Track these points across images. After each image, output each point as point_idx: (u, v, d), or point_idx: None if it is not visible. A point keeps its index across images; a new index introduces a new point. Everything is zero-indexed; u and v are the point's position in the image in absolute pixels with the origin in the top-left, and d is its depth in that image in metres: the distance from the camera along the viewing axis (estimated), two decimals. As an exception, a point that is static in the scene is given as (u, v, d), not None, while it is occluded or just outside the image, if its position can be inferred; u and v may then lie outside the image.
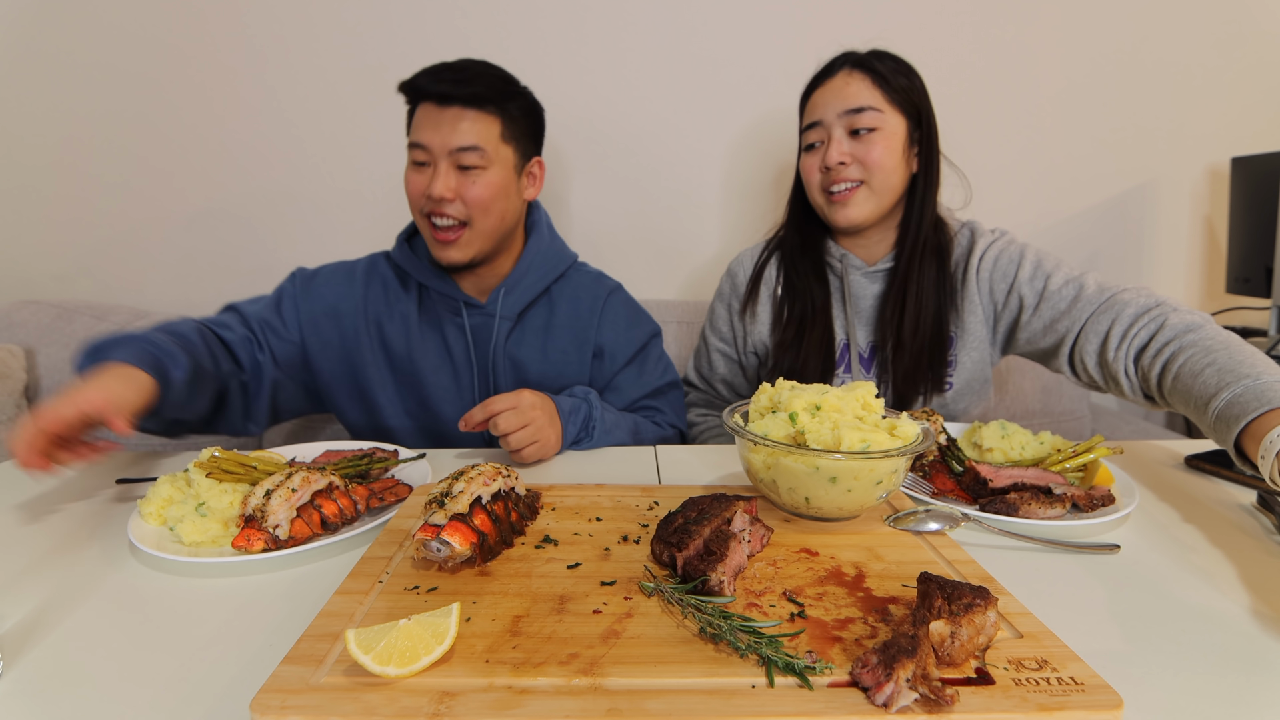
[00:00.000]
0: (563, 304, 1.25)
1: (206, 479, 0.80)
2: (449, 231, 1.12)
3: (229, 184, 1.84)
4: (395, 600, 0.59)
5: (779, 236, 1.32)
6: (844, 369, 1.23)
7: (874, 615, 0.56)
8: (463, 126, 1.09)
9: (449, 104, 1.09)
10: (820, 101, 1.17)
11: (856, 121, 1.13)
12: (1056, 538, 0.76)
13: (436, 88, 1.09)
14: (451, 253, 1.14)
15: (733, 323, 1.34)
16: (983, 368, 1.22)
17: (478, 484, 0.70)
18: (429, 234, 1.15)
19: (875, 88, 1.14)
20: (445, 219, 1.12)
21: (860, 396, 0.80)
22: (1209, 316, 0.98)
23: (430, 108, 1.10)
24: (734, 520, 0.68)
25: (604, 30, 1.78)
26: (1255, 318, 2.01)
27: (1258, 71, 1.89)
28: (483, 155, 1.10)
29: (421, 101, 1.12)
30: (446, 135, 1.09)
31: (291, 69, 1.78)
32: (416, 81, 1.11)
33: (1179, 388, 0.91)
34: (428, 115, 1.10)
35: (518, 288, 1.22)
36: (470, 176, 1.11)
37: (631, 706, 0.45)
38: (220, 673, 0.54)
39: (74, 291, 1.87)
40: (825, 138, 1.16)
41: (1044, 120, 1.89)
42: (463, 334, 1.22)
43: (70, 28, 1.74)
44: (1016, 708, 0.45)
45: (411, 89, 1.13)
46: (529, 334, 1.23)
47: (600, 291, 1.29)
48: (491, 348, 1.21)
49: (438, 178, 1.09)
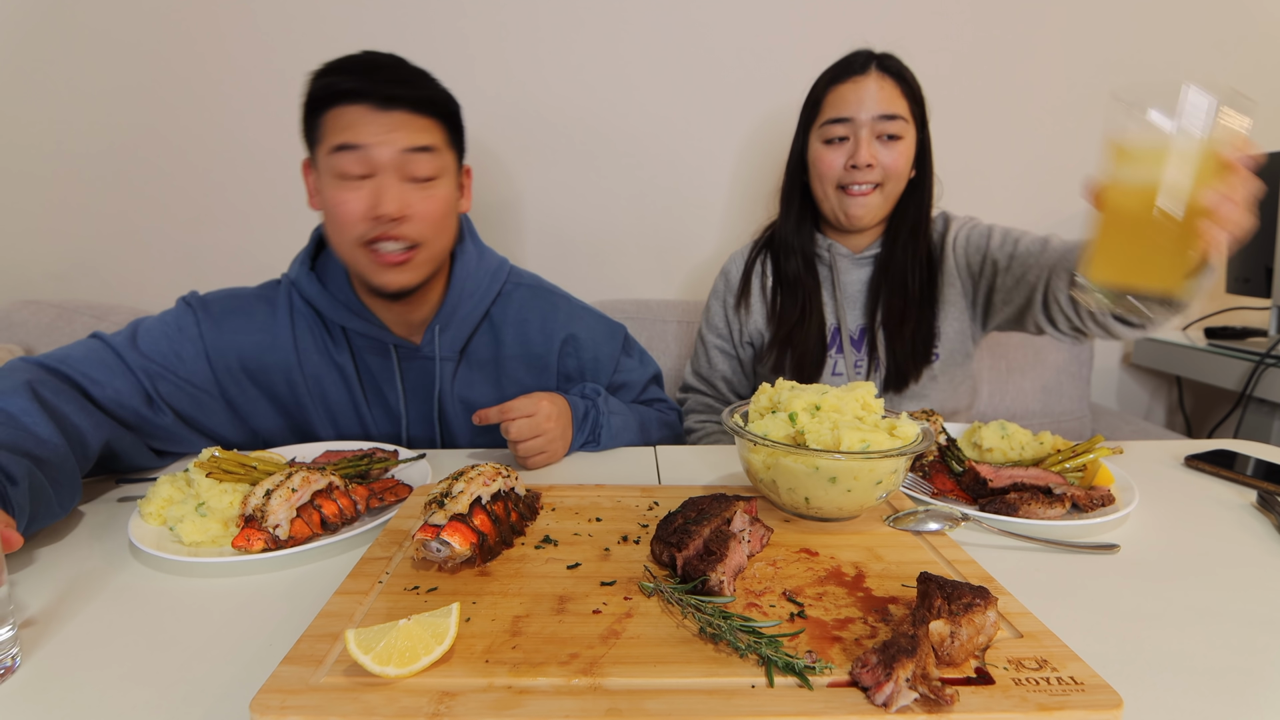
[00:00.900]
0: (508, 330, 1.11)
1: (206, 479, 0.80)
2: (398, 253, 0.94)
3: (229, 184, 1.84)
4: (395, 600, 0.59)
5: (768, 233, 1.37)
6: (836, 349, 1.29)
7: (874, 615, 0.56)
8: (412, 127, 0.92)
9: (392, 107, 0.91)
10: (852, 99, 1.17)
11: (887, 128, 1.16)
12: (1056, 538, 0.76)
13: (378, 88, 0.90)
14: (402, 276, 0.96)
15: (728, 317, 1.38)
16: (964, 340, 1.28)
17: (477, 484, 0.70)
18: (368, 262, 0.95)
19: (903, 97, 1.18)
20: (395, 243, 0.93)
21: (860, 396, 0.80)
22: None
23: (364, 110, 0.90)
24: (734, 520, 0.68)
25: (603, 30, 1.78)
26: (1255, 318, 2.01)
27: (1257, 72, 1.89)
28: (437, 162, 0.94)
29: (345, 104, 0.91)
30: (397, 138, 0.90)
31: (291, 69, 1.77)
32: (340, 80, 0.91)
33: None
34: (363, 118, 0.90)
35: (453, 320, 1.07)
36: (424, 190, 0.94)
37: (631, 706, 0.45)
38: (220, 673, 0.54)
39: (74, 291, 1.87)
40: (853, 135, 1.18)
41: (1044, 120, 1.89)
42: (395, 382, 1.05)
43: (70, 30, 1.74)
44: (1016, 707, 0.45)
45: (331, 89, 0.91)
46: (477, 370, 1.09)
47: (549, 307, 1.14)
48: (436, 394, 1.06)
49: (385, 192, 0.90)
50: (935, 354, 1.26)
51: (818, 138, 1.22)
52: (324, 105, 0.92)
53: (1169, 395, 2.13)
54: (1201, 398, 2.09)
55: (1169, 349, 1.90)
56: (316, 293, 1.04)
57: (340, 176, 0.91)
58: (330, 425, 1.08)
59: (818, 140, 1.22)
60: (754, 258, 1.36)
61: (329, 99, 0.92)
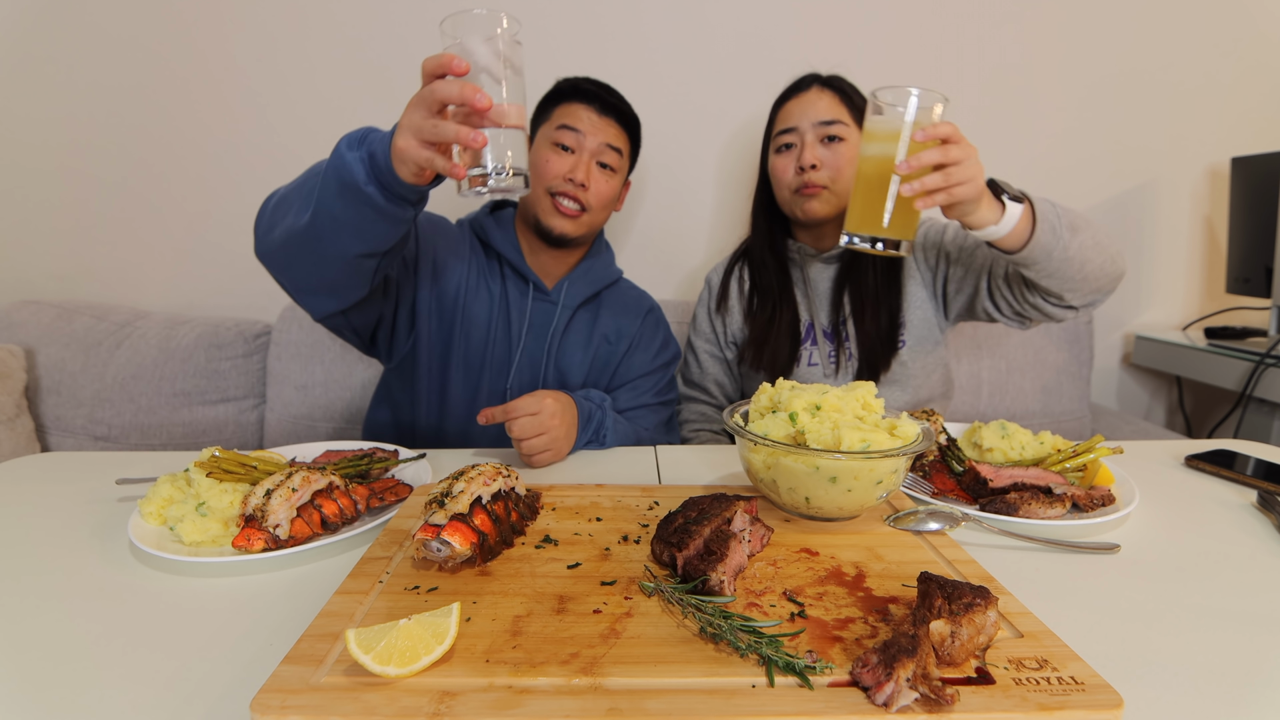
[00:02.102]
0: (608, 309, 1.34)
1: (206, 479, 0.80)
2: (572, 209, 1.22)
3: (228, 184, 1.84)
4: (395, 600, 0.59)
5: (745, 245, 1.48)
6: (811, 343, 1.38)
7: (874, 615, 0.57)
8: (612, 133, 1.24)
9: (608, 114, 1.24)
10: (795, 111, 1.30)
11: (828, 131, 1.27)
12: (1056, 538, 0.76)
13: (605, 96, 1.24)
14: (567, 225, 1.23)
15: (712, 321, 1.48)
16: (931, 328, 1.35)
17: (478, 484, 0.70)
18: (549, 206, 1.22)
19: (842, 104, 1.28)
20: (573, 201, 1.22)
21: (860, 396, 0.80)
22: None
23: (589, 110, 1.22)
24: (734, 520, 0.68)
25: (600, 33, 1.78)
26: (1255, 318, 2.01)
27: (1257, 72, 1.89)
28: (619, 160, 1.26)
29: (578, 101, 1.23)
30: (602, 135, 1.22)
31: (291, 69, 1.78)
32: (583, 85, 1.24)
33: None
34: (586, 114, 1.22)
35: (581, 281, 1.31)
36: (604, 175, 1.24)
37: (631, 706, 0.45)
38: (220, 673, 0.54)
39: (74, 291, 1.87)
40: (799, 142, 1.29)
41: (1044, 121, 1.89)
42: (524, 317, 1.27)
43: (71, 29, 1.74)
44: (1017, 707, 0.45)
45: (575, 89, 1.24)
46: (579, 328, 1.30)
47: (643, 306, 1.38)
48: (550, 332, 1.27)
49: (580, 166, 1.21)
50: (902, 341, 1.34)
51: (772, 150, 1.34)
52: (564, 98, 1.24)
53: (1169, 395, 2.13)
54: (1201, 398, 2.09)
55: (1169, 349, 1.90)
56: (492, 226, 1.30)
57: (555, 144, 1.22)
58: (464, 338, 1.25)
59: (773, 152, 1.34)
60: (732, 266, 1.47)
61: (569, 94, 1.24)
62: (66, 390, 1.68)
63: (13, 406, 1.58)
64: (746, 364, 1.41)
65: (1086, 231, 1.05)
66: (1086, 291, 1.11)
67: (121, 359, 1.69)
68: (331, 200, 0.85)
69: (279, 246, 0.93)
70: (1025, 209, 0.99)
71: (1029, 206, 0.99)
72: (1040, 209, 1.00)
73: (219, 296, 1.90)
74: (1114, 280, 1.13)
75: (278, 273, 0.99)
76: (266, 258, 0.98)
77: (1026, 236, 1.00)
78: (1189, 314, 2.05)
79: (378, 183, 0.83)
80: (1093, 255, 1.06)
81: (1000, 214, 0.97)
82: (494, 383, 1.25)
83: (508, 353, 1.26)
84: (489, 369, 1.25)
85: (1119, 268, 1.12)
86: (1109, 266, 1.09)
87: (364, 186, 0.82)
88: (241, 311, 1.88)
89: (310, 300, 1.03)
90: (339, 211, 0.86)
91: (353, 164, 0.82)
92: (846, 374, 1.34)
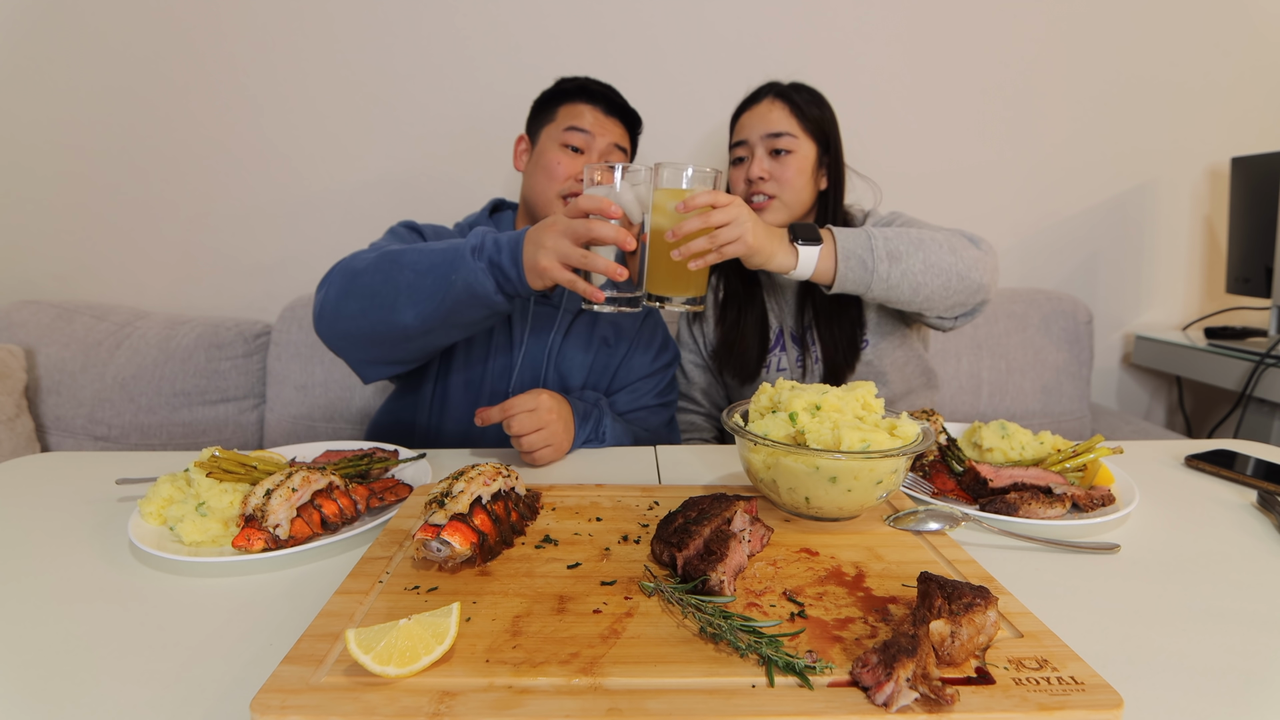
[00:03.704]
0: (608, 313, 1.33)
1: (206, 479, 0.80)
2: None
3: (228, 185, 1.84)
4: (395, 600, 0.59)
5: None
6: (780, 349, 1.41)
7: (874, 615, 0.56)
8: (618, 133, 1.26)
9: (614, 115, 1.26)
10: (747, 123, 1.32)
11: (775, 144, 1.29)
12: (1056, 538, 0.76)
13: (610, 96, 1.26)
14: None
15: (692, 332, 1.51)
16: (895, 324, 1.37)
17: (478, 484, 0.70)
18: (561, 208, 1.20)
19: (792, 116, 1.29)
20: None
21: (860, 396, 0.80)
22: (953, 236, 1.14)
23: (595, 110, 1.24)
24: (734, 520, 0.68)
25: (604, 30, 1.78)
26: (1255, 318, 2.01)
27: (1257, 72, 1.89)
28: (625, 160, 1.27)
29: (583, 101, 1.24)
30: (610, 135, 1.24)
31: (290, 70, 1.78)
32: (589, 85, 1.26)
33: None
34: (592, 114, 1.23)
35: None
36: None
37: (631, 706, 0.45)
38: (220, 673, 0.54)
39: (74, 291, 1.87)
40: (749, 155, 1.31)
41: (1045, 122, 1.89)
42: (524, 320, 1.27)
43: (70, 30, 1.74)
44: (1016, 707, 0.45)
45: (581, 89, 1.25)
46: (580, 331, 1.29)
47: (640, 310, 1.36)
48: (550, 338, 1.26)
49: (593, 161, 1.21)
50: (865, 341, 1.35)
51: (730, 161, 1.37)
52: (569, 98, 1.25)
53: (1169, 395, 2.13)
54: (1201, 398, 2.09)
55: (1169, 349, 1.90)
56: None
57: (564, 145, 1.22)
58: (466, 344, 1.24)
59: (730, 163, 1.37)
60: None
61: (574, 94, 1.25)
62: (66, 390, 1.68)
63: (13, 406, 1.58)
64: (717, 368, 1.44)
65: (914, 256, 1.09)
66: (940, 310, 1.15)
67: (121, 359, 1.69)
68: (461, 308, 0.95)
69: (366, 337, 1.02)
70: (828, 248, 1.06)
71: (832, 246, 1.07)
72: (845, 245, 1.07)
73: (219, 296, 1.90)
74: (970, 295, 1.14)
75: (347, 351, 1.07)
76: (339, 339, 1.05)
77: (832, 272, 1.07)
78: (1189, 314, 2.05)
79: (504, 293, 0.94)
80: (926, 279, 1.10)
81: (796, 258, 1.05)
82: (496, 384, 1.25)
83: (509, 357, 1.26)
84: (490, 374, 1.25)
85: (971, 283, 1.12)
86: (956, 284, 1.11)
87: (493, 296, 0.93)
88: (241, 311, 1.88)
89: (372, 370, 1.12)
90: (462, 317, 0.97)
91: (480, 275, 0.92)
92: (813, 378, 1.36)
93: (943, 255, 1.10)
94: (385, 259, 0.99)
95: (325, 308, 1.03)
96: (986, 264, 1.14)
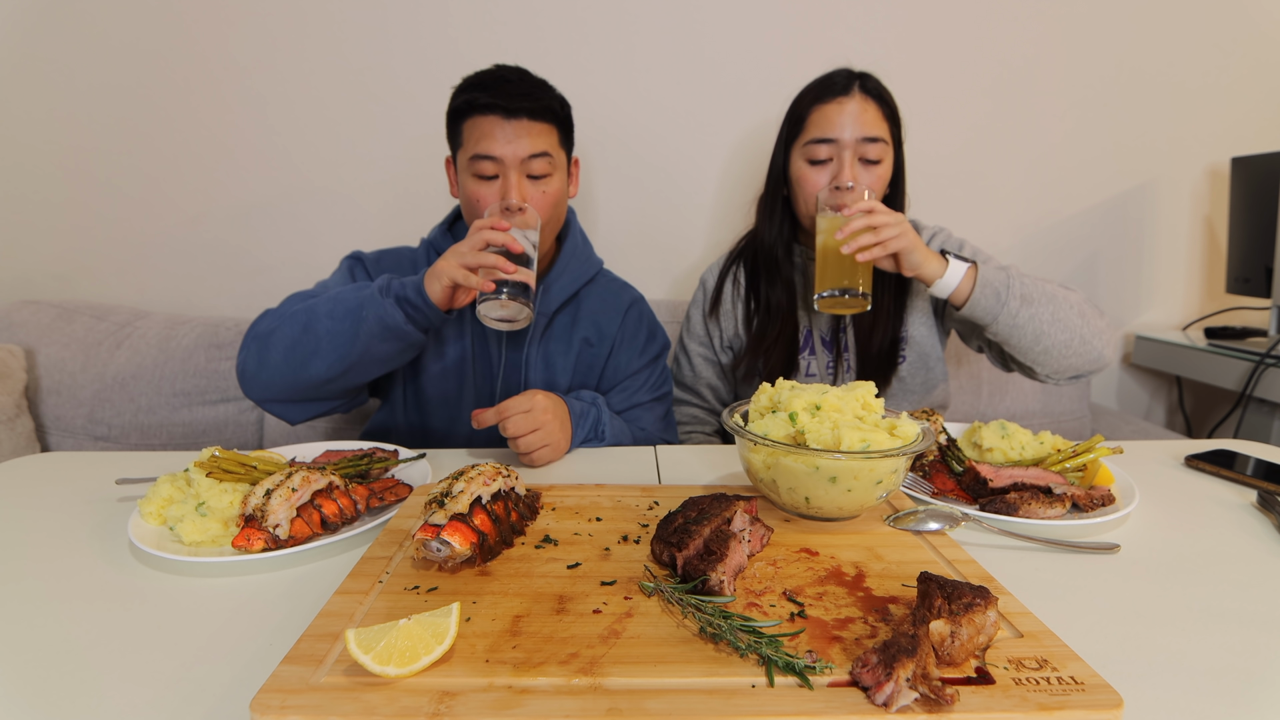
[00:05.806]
0: (588, 307, 1.28)
1: (206, 479, 0.80)
2: None
3: (228, 185, 1.84)
4: (395, 600, 0.59)
5: (744, 243, 1.42)
6: (809, 352, 1.36)
7: (874, 615, 0.57)
8: (532, 138, 1.11)
9: (516, 116, 1.10)
10: (836, 120, 1.19)
11: (869, 151, 1.19)
12: (1056, 538, 0.76)
13: (505, 102, 1.10)
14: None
15: (706, 324, 1.42)
16: (934, 344, 1.34)
17: (478, 484, 0.70)
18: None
19: (885, 121, 1.20)
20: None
21: (860, 396, 0.80)
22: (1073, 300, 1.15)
23: (495, 120, 1.10)
24: (734, 520, 0.68)
25: (605, 31, 1.78)
26: (1255, 318, 2.01)
27: (1257, 72, 1.89)
28: (551, 163, 1.14)
29: (480, 114, 1.11)
30: (519, 146, 1.10)
31: (290, 71, 1.78)
32: (476, 96, 1.11)
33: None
34: (495, 127, 1.10)
35: (554, 287, 1.24)
36: (540, 185, 1.14)
37: (631, 706, 0.45)
38: (220, 673, 0.54)
39: (74, 291, 1.87)
40: (836, 156, 1.20)
41: (1045, 121, 1.89)
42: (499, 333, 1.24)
43: (70, 29, 1.74)
44: (1016, 707, 0.45)
45: (470, 103, 1.12)
46: (558, 333, 1.26)
47: (623, 301, 1.32)
48: (526, 343, 1.24)
49: (511, 189, 1.11)
50: (902, 356, 1.33)
51: (801, 156, 1.23)
52: (463, 116, 1.14)
53: (1169, 395, 2.13)
54: (1201, 398, 2.09)
55: (1169, 349, 1.90)
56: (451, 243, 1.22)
57: (477, 175, 1.13)
58: (438, 359, 1.24)
59: (801, 159, 1.23)
60: (729, 266, 1.42)
61: (467, 111, 1.13)
62: (66, 390, 1.68)
63: (13, 406, 1.58)
64: (743, 370, 1.37)
65: (1045, 306, 1.11)
66: (1052, 367, 1.16)
67: (121, 359, 1.69)
68: (375, 343, 1.01)
69: (291, 385, 1.06)
70: (970, 272, 1.12)
71: (973, 271, 1.12)
72: (985, 274, 1.11)
73: (219, 296, 1.90)
74: (1087, 363, 1.15)
75: (274, 403, 1.10)
76: (263, 389, 1.07)
77: (967, 295, 1.11)
78: (1189, 314, 2.05)
79: (414, 323, 1.02)
80: (1050, 330, 1.11)
81: (945, 269, 1.11)
82: (480, 389, 1.24)
83: (488, 366, 1.24)
84: (470, 383, 1.24)
85: (1093, 350, 1.14)
86: (1077, 345, 1.12)
87: (403, 326, 1.00)
88: (241, 311, 1.88)
89: (297, 410, 1.12)
90: (378, 351, 1.02)
91: (389, 308, 1.00)
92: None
93: (1071, 315, 1.12)
94: (301, 312, 1.04)
95: (247, 368, 1.07)
96: (1109, 337, 1.15)
